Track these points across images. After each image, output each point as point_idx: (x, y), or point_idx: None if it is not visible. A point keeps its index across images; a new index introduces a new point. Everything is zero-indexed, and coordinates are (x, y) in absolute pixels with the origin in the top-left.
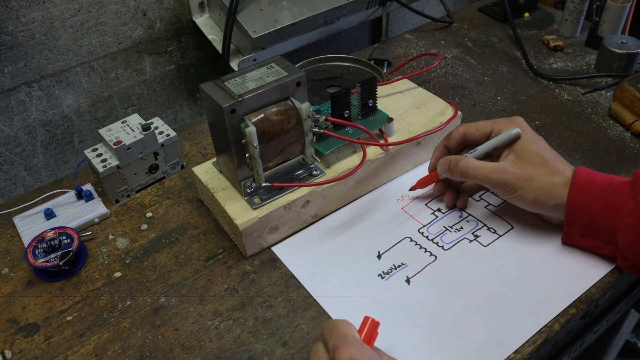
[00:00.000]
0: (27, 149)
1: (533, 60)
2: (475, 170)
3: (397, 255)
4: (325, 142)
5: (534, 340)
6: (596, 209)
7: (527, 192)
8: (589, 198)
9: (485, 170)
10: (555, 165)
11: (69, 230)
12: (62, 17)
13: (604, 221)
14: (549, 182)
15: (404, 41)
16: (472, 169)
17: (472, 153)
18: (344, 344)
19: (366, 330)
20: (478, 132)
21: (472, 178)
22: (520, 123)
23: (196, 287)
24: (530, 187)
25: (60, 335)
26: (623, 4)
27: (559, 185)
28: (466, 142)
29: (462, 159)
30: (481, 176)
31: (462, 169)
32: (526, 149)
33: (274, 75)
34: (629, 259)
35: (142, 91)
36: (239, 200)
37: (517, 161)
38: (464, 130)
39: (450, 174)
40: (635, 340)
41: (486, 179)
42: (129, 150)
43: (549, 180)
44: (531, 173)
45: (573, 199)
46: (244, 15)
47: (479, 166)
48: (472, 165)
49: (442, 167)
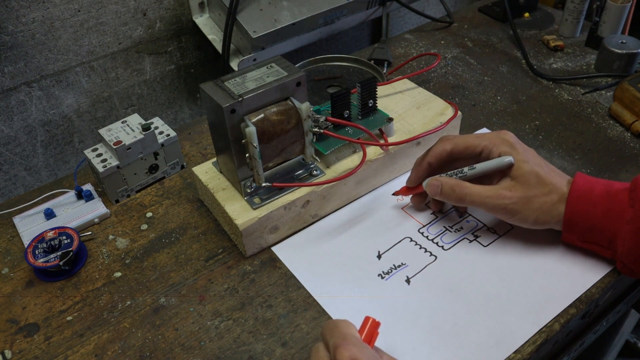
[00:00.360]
0: (27, 149)
1: (533, 60)
2: (472, 197)
3: (397, 255)
4: (325, 142)
5: (534, 340)
6: (595, 217)
7: (528, 214)
8: (588, 206)
9: (482, 197)
10: (552, 182)
11: (69, 230)
12: (62, 17)
13: (602, 229)
14: (548, 201)
15: (404, 41)
16: (469, 196)
17: (460, 175)
18: (344, 343)
19: (367, 330)
20: (466, 150)
21: (469, 204)
22: (509, 139)
23: (196, 287)
24: (530, 209)
25: (60, 335)
26: (623, 4)
27: (557, 202)
28: (451, 158)
29: (458, 185)
30: (478, 202)
31: (460, 195)
32: (521, 170)
33: (274, 75)
34: (628, 265)
35: (142, 91)
36: (239, 200)
37: (513, 184)
38: (452, 149)
39: (445, 198)
40: (635, 340)
41: (484, 205)
42: (129, 150)
43: (548, 199)
44: (529, 194)
45: (571, 208)
46: (244, 15)
47: (476, 192)
48: (469, 191)
49: (433, 189)
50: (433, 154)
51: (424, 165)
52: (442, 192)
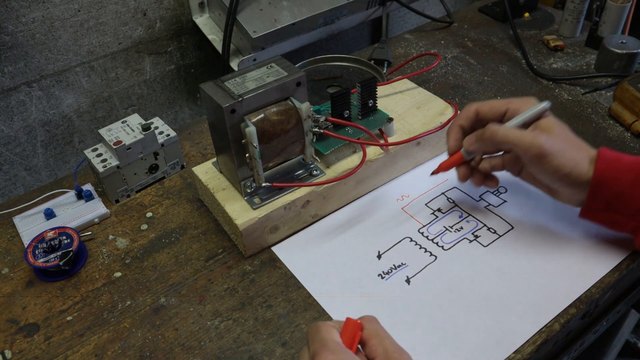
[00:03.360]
0: (27, 149)
1: (533, 60)
2: (508, 136)
3: (397, 255)
4: (325, 142)
5: (534, 340)
6: (623, 184)
7: (562, 161)
8: (617, 173)
9: (518, 135)
10: (582, 142)
11: (69, 230)
12: (62, 17)
13: (630, 197)
14: (579, 156)
15: (404, 41)
16: (505, 136)
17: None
18: (322, 350)
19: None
20: (491, 110)
21: (504, 144)
22: (534, 101)
23: (196, 287)
24: (564, 157)
25: (60, 335)
26: (623, 4)
27: (587, 159)
28: (479, 119)
29: (492, 128)
30: (514, 140)
31: (495, 136)
32: (553, 124)
33: (274, 75)
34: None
35: (142, 91)
36: (239, 200)
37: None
38: (477, 108)
39: (480, 142)
40: (635, 340)
41: (520, 143)
42: (129, 150)
43: (579, 154)
44: (562, 144)
45: (599, 173)
46: (244, 15)
47: (511, 131)
48: (505, 132)
49: (469, 140)
50: (461, 117)
51: (456, 129)
52: (478, 139)
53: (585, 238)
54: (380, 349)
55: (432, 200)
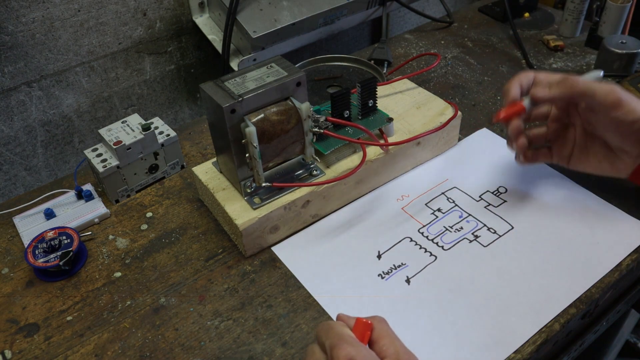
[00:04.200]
0: (27, 149)
1: (533, 60)
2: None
3: (397, 255)
4: (325, 142)
5: (534, 340)
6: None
7: (635, 106)
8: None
9: (596, 83)
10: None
11: (69, 230)
12: (62, 17)
13: None
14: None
15: (404, 41)
16: (580, 82)
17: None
18: (340, 342)
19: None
20: (547, 78)
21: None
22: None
23: (196, 287)
24: (637, 103)
25: (60, 335)
26: (623, 4)
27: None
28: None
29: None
30: (593, 87)
31: (574, 80)
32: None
33: (274, 75)
34: None
35: (142, 91)
36: (239, 200)
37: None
38: (535, 75)
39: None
40: (635, 340)
41: (599, 89)
42: (129, 150)
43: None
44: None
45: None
46: (244, 15)
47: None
48: (583, 79)
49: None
50: (520, 76)
51: (516, 83)
52: (556, 85)
53: (585, 238)
54: (392, 349)
55: (432, 200)
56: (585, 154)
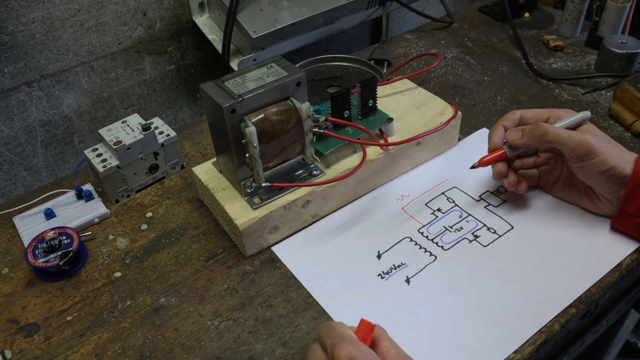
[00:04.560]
0: (27, 149)
1: (533, 60)
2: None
3: (397, 255)
4: (325, 142)
5: (534, 340)
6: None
7: (606, 157)
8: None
9: (567, 132)
10: (622, 146)
11: (69, 230)
12: (62, 17)
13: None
14: (623, 154)
15: (404, 41)
16: (552, 134)
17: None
18: (341, 342)
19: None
20: (535, 116)
21: (553, 140)
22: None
23: (196, 287)
24: (609, 154)
25: (60, 335)
26: (623, 4)
27: (631, 159)
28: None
29: (538, 125)
30: (563, 136)
31: (542, 133)
32: (594, 129)
33: (274, 75)
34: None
35: (142, 91)
36: (239, 200)
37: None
38: (521, 114)
39: (530, 137)
40: (635, 340)
41: (569, 139)
42: (129, 150)
43: (622, 153)
44: (606, 144)
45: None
46: (244, 15)
47: (559, 129)
48: (552, 129)
49: (514, 133)
50: (506, 118)
51: (500, 127)
52: (527, 134)
53: (585, 238)
54: (393, 351)
55: (432, 200)
56: (569, 186)
